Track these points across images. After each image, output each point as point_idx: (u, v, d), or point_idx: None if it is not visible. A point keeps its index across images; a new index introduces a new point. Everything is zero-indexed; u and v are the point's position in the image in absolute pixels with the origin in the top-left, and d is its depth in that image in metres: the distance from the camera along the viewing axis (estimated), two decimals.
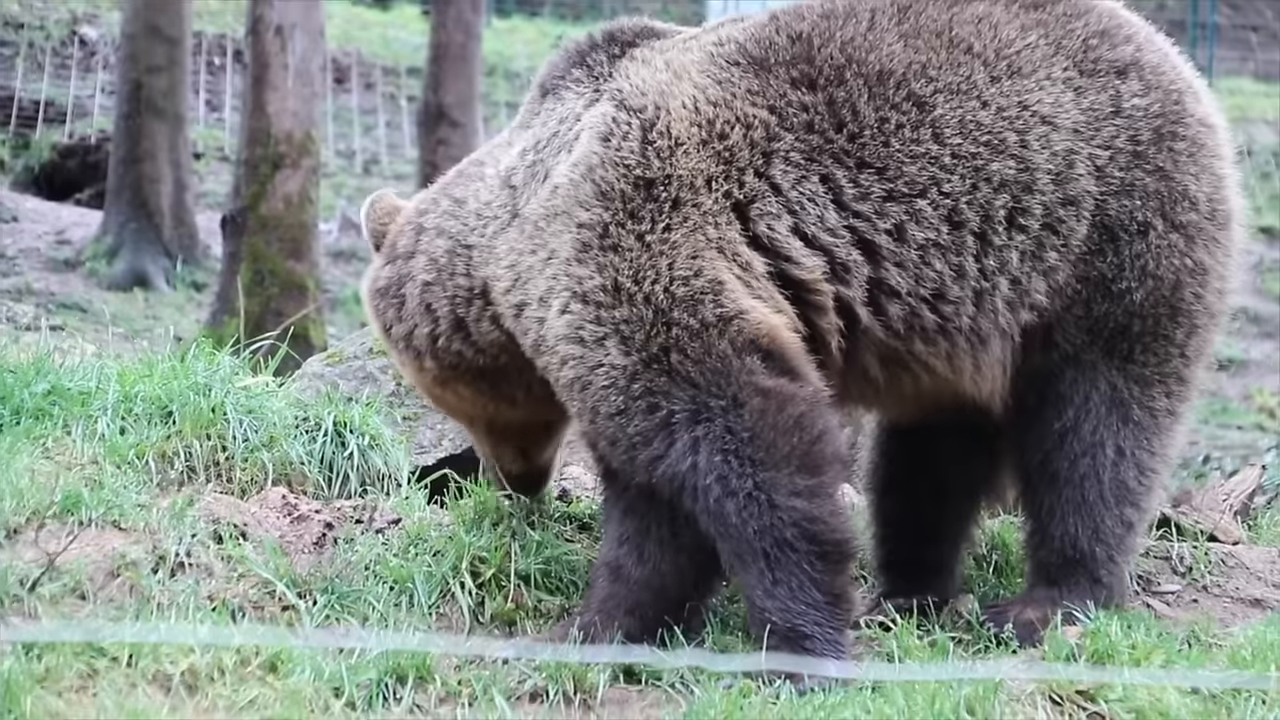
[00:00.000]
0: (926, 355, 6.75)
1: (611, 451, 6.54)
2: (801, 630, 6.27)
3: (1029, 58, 6.82)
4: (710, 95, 6.68)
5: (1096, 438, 6.85)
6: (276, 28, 18.66)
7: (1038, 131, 6.76)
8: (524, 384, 6.88)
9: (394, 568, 6.79)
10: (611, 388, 6.45)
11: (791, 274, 6.60)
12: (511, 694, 6.15)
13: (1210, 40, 35.47)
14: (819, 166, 6.64)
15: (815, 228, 6.61)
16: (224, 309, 18.93)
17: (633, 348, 6.43)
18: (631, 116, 6.65)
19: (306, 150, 18.79)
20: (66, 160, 27.68)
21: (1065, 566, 6.91)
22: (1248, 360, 25.04)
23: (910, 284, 6.67)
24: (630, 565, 6.67)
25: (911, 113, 6.71)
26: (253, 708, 5.82)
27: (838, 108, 6.69)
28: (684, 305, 6.42)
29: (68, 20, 30.44)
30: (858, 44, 6.76)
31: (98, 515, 6.69)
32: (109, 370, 7.80)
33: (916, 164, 6.68)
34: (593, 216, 6.53)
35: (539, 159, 6.75)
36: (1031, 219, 6.74)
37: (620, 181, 6.54)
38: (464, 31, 23.84)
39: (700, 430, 6.34)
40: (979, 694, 6.01)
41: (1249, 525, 8.44)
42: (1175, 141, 6.88)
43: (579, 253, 6.52)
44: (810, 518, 6.32)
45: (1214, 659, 6.58)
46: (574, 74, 6.89)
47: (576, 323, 6.49)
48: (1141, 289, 6.83)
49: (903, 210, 6.66)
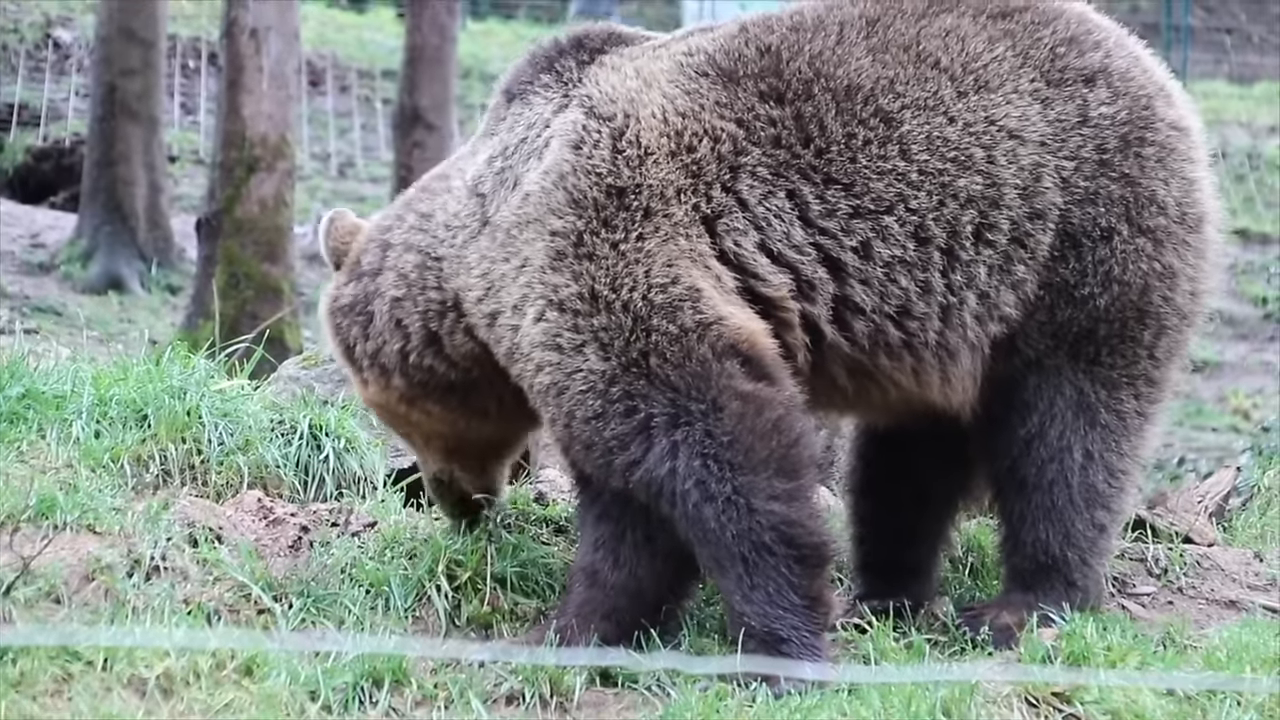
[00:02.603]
0: (891, 370, 6.75)
1: (587, 456, 6.51)
2: (779, 634, 6.28)
3: (996, 71, 6.80)
4: (679, 106, 6.65)
5: (1063, 442, 6.85)
6: (251, 30, 18.59)
7: (1005, 146, 6.74)
8: (495, 396, 6.84)
9: (370, 571, 6.79)
10: (590, 392, 6.43)
11: (758, 290, 6.58)
12: (488, 697, 6.15)
13: (1184, 43, 35.57)
14: (785, 182, 6.62)
15: (781, 244, 6.59)
16: (199, 312, 18.85)
17: (612, 353, 6.42)
18: (601, 125, 6.62)
19: (281, 153, 18.72)
20: (41, 163, 27.56)
21: (1039, 572, 6.92)
22: (1222, 362, 25.11)
23: (875, 301, 6.66)
24: (606, 570, 6.67)
25: (879, 128, 6.68)
26: (228, 711, 5.81)
27: (805, 122, 6.66)
28: (663, 312, 6.41)
29: (41, 23, 30.32)
30: (826, 58, 6.73)
31: (72, 519, 6.67)
32: (84, 373, 7.79)
33: (883, 180, 6.66)
34: (566, 224, 6.51)
35: (507, 165, 6.71)
36: (999, 234, 6.73)
37: (592, 190, 6.52)
38: (439, 34, 23.80)
39: (679, 434, 6.33)
40: (955, 696, 6.02)
41: (1224, 527, 8.47)
42: (1143, 147, 6.87)
43: (553, 260, 6.50)
44: (788, 521, 6.32)
45: (1189, 660, 6.60)
46: (542, 79, 6.85)
47: (553, 330, 6.47)
48: (1106, 294, 6.82)
49: (869, 227, 6.64)
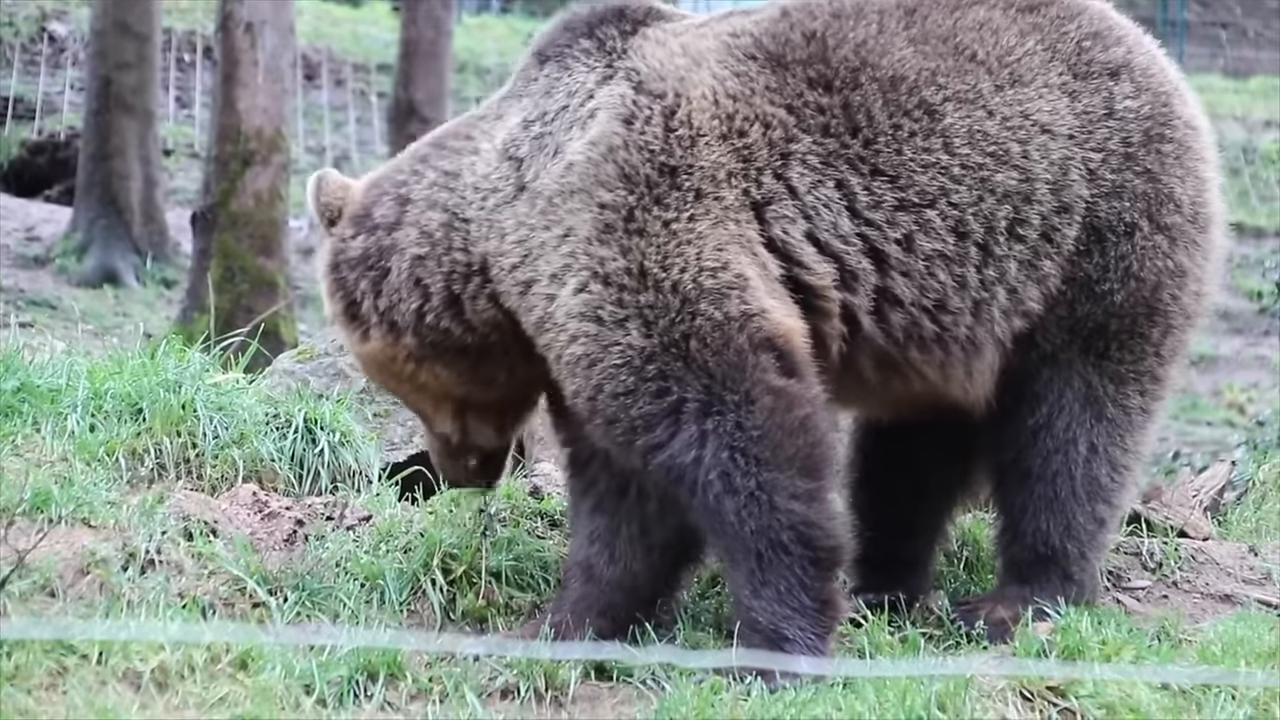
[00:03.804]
0: (921, 362, 6.74)
1: (607, 432, 6.43)
2: (785, 633, 6.25)
3: (1028, 65, 6.80)
4: (729, 88, 6.59)
5: (1069, 434, 6.86)
6: (246, 24, 18.58)
7: (1038, 141, 6.74)
8: (507, 365, 6.73)
9: (365, 564, 6.78)
10: (625, 367, 6.35)
11: (802, 279, 6.54)
12: (483, 691, 6.15)
13: (1180, 37, 35.59)
14: (834, 171, 6.58)
15: (828, 234, 6.56)
16: (194, 306, 18.85)
17: (654, 331, 6.34)
18: (653, 101, 6.55)
19: (277, 147, 18.72)
20: (36, 157, 27.52)
21: (1037, 563, 6.92)
22: (1217, 356, 25.11)
23: (915, 294, 6.65)
24: (602, 565, 6.67)
25: (923, 120, 6.66)
26: (223, 705, 5.80)
27: (853, 112, 6.63)
28: (711, 296, 6.35)
29: (37, 16, 30.30)
30: (870, 47, 6.70)
31: (67, 512, 6.68)
32: (79, 367, 7.79)
33: (927, 173, 6.64)
34: (616, 198, 6.42)
35: (546, 132, 6.60)
36: (1030, 229, 6.73)
37: (645, 166, 6.45)
38: (434, 28, 23.81)
39: (710, 423, 6.28)
40: (950, 690, 6.02)
41: (1219, 521, 8.48)
42: (1163, 144, 6.89)
43: (601, 233, 6.41)
44: (807, 522, 6.29)
45: (1184, 654, 6.60)
46: (581, 44, 6.73)
47: (595, 302, 6.38)
48: (1123, 290, 6.83)
49: (912, 220, 6.62)
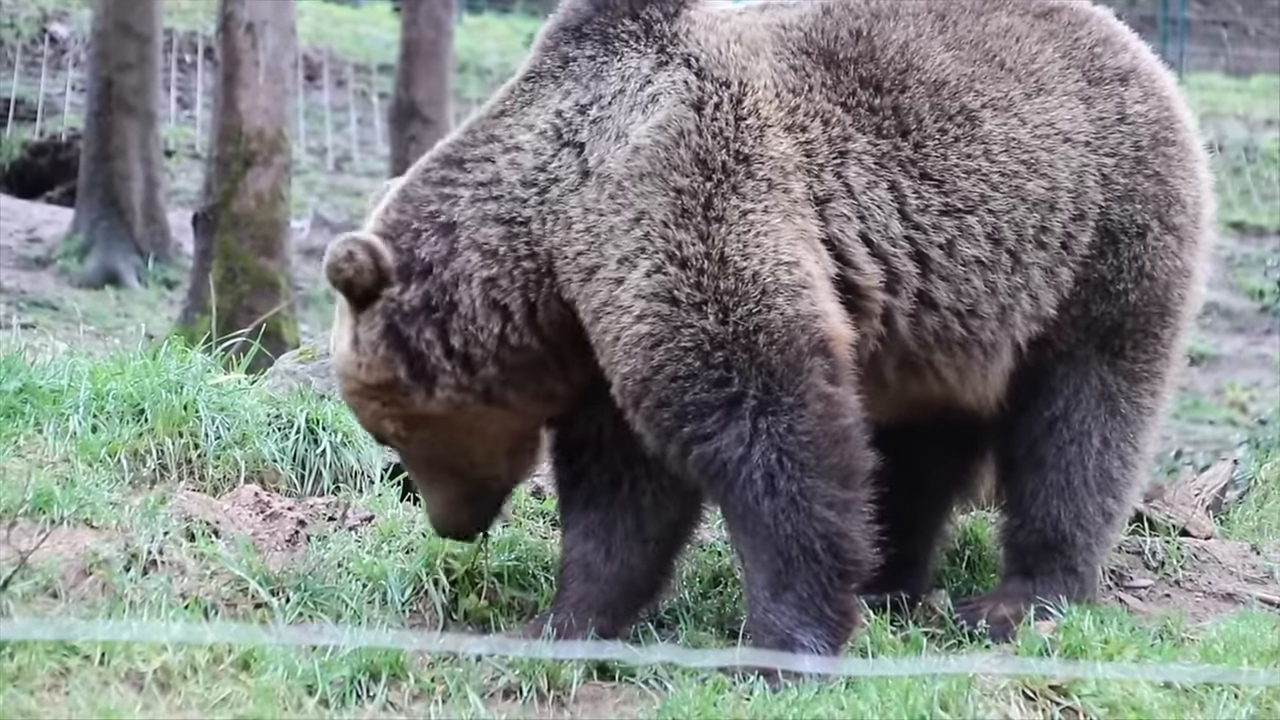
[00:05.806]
0: (943, 365, 6.75)
1: (654, 415, 6.31)
2: (799, 640, 6.21)
3: (1050, 72, 6.84)
4: (789, 82, 6.58)
5: (1084, 427, 6.90)
6: (247, 25, 18.57)
7: (1061, 150, 6.79)
8: (563, 375, 6.55)
9: (367, 565, 6.78)
10: (693, 350, 6.26)
11: (851, 279, 6.52)
12: (485, 691, 6.14)
13: (1181, 36, 35.59)
14: (887, 173, 6.58)
15: (879, 235, 6.55)
16: (196, 306, 18.85)
17: (730, 319, 6.27)
18: (719, 89, 6.49)
19: (278, 147, 18.70)
20: (37, 158, 27.52)
21: (1043, 551, 6.94)
22: (1219, 355, 25.13)
23: (951, 298, 6.66)
24: (599, 563, 6.65)
25: (965, 126, 6.68)
26: (225, 705, 5.80)
27: (903, 114, 6.63)
28: (787, 292, 6.30)
29: (38, 18, 30.30)
30: (913, 49, 6.70)
31: (70, 513, 6.67)
32: (80, 368, 7.79)
33: (970, 179, 6.66)
34: (693, 184, 6.34)
35: (605, 115, 6.46)
36: (1053, 237, 6.78)
37: (720, 152, 6.39)
38: (435, 28, 23.82)
39: (764, 422, 6.23)
40: (952, 689, 6.02)
41: (1221, 520, 8.48)
42: (1169, 147, 6.96)
43: (678, 217, 6.33)
44: (840, 532, 6.26)
45: (1186, 653, 6.60)
46: (627, 25, 6.60)
47: (671, 284, 6.28)
48: (1137, 289, 6.89)
49: (955, 225, 6.64)
